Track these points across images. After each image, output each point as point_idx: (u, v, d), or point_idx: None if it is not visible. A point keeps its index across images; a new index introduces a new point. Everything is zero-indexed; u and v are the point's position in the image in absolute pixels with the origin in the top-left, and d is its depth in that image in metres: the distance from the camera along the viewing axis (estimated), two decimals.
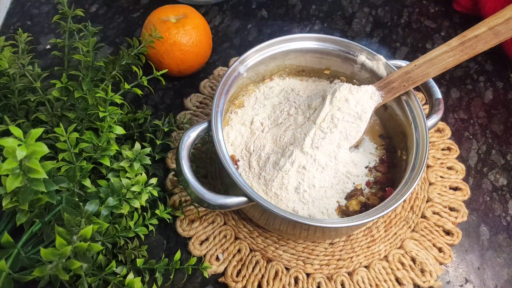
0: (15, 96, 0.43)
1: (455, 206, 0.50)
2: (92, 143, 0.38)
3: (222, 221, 0.47)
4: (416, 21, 0.69)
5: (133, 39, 0.46)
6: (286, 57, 0.48)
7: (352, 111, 0.44)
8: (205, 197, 0.36)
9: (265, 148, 0.45)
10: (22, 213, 0.33)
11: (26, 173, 0.27)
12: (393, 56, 0.64)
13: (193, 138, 0.39)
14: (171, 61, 0.53)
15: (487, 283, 0.47)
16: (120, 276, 0.38)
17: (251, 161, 0.44)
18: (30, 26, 0.62)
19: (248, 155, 0.45)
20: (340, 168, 0.44)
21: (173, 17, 0.54)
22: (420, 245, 0.47)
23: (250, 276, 0.44)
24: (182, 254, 0.45)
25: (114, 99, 0.40)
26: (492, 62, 0.65)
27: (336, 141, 0.43)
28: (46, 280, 0.33)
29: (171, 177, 0.49)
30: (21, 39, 0.45)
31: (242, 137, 0.47)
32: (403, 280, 0.45)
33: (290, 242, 0.47)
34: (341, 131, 0.43)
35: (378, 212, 0.37)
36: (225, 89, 0.43)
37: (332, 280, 0.45)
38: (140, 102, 0.56)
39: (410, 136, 0.44)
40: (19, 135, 0.27)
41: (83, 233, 0.30)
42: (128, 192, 0.37)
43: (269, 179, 0.42)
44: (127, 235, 0.39)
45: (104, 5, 0.66)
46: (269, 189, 0.42)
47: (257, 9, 0.68)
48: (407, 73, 0.44)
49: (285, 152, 0.43)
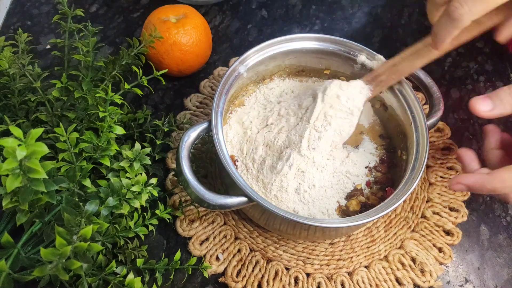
0: (15, 96, 0.43)
1: (455, 206, 0.50)
2: (92, 143, 0.38)
3: (222, 221, 0.47)
4: (416, 21, 0.69)
5: (133, 39, 0.46)
6: (286, 57, 0.48)
7: (344, 107, 0.44)
8: (205, 197, 0.36)
9: (257, 150, 0.44)
10: (22, 213, 0.33)
11: (26, 173, 0.27)
12: (393, 56, 0.64)
13: (193, 138, 0.39)
14: (171, 61, 0.53)
15: (487, 283, 0.47)
16: (120, 276, 0.38)
17: (247, 163, 0.44)
18: (30, 26, 0.62)
19: (244, 156, 0.45)
20: (338, 167, 0.44)
21: (173, 17, 0.54)
22: (420, 245, 0.47)
23: (250, 276, 0.44)
24: (182, 254, 0.45)
25: (114, 99, 0.40)
26: (492, 62, 0.65)
27: (331, 138, 0.43)
28: (46, 280, 0.33)
29: (171, 177, 0.49)
30: (21, 39, 0.45)
31: (238, 136, 0.46)
32: (403, 280, 0.45)
33: (290, 242, 0.47)
34: (335, 128, 0.43)
35: (378, 212, 0.37)
36: (225, 89, 0.43)
37: (332, 280, 0.45)
38: (140, 102, 0.56)
39: (410, 136, 0.44)
40: (19, 135, 0.27)
41: (83, 233, 0.30)
42: (128, 192, 0.37)
43: (267, 183, 0.42)
44: (127, 235, 0.39)
45: (104, 5, 0.66)
46: (268, 191, 0.42)
47: (257, 9, 0.68)
48: (394, 66, 0.44)
49: (282, 155, 0.43)
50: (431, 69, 0.63)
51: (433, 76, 0.48)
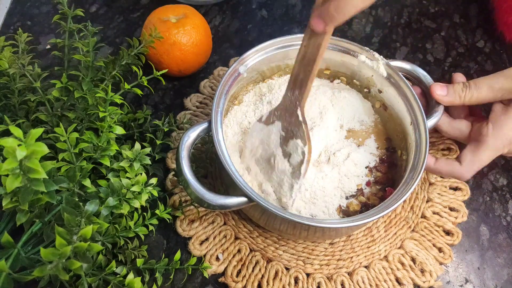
0: (15, 96, 0.43)
1: (455, 206, 0.50)
2: (92, 143, 0.38)
3: (222, 221, 0.47)
4: (416, 21, 0.69)
5: (133, 39, 0.46)
6: (286, 57, 0.48)
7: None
8: (205, 197, 0.36)
9: (257, 150, 0.43)
10: (22, 213, 0.33)
11: (26, 173, 0.27)
12: (393, 56, 0.64)
13: (193, 138, 0.39)
14: (171, 61, 0.53)
15: (487, 283, 0.47)
16: (120, 276, 0.38)
17: (248, 162, 0.44)
18: (30, 26, 0.62)
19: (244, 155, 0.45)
20: (339, 167, 0.44)
21: (173, 17, 0.54)
22: (420, 245, 0.47)
23: (250, 276, 0.44)
24: (182, 254, 0.45)
25: (114, 99, 0.40)
26: (492, 62, 0.65)
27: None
28: (46, 280, 0.33)
29: (171, 177, 0.49)
30: (21, 39, 0.45)
31: (238, 136, 0.46)
32: (403, 280, 0.45)
33: (290, 242, 0.47)
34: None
35: (378, 212, 0.37)
36: (225, 89, 0.43)
37: (332, 280, 0.45)
38: (140, 102, 0.56)
39: (410, 136, 0.44)
40: (19, 135, 0.27)
41: (83, 233, 0.30)
42: (128, 192, 0.37)
43: (269, 193, 0.42)
44: (127, 235, 0.39)
45: (104, 5, 0.66)
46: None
47: (257, 9, 0.68)
48: (303, 58, 0.40)
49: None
50: (431, 69, 0.63)
51: (433, 76, 0.48)
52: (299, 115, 0.40)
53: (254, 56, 0.46)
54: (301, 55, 0.40)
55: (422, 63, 0.64)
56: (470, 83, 0.46)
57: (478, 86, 0.45)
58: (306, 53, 0.39)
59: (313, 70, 0.39)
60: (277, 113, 0.42)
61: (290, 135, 0.41)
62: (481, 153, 0.44)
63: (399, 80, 0.46)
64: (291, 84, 0.41)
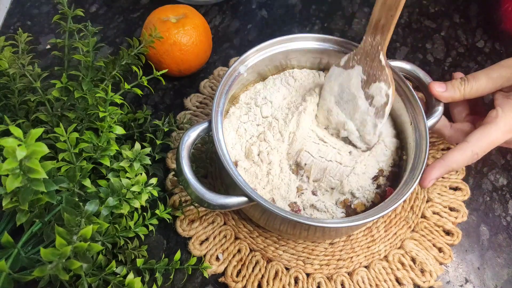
0: (15, 96, 0.43)
1: (455, 206, 0.50)
2: (92, 143, 0.38)
3: (222, 221, 0.47)
4: (416, 21, 0.69)
5: (133, 39, 0.46)
6: (286, 57, 0.48)
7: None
8: (205, 197, 0.36)
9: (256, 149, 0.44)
10: (22, 213, 0.33)
11: (26, 173, 0.27)
12: (393, 56, 0.64)
13: (193, 138, 0.39)
14: (171, 61, 0.53)
15: (487, 283, 0.47)
16: (120, 276, 0.38)
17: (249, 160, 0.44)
18: (30, 26, 0.62)
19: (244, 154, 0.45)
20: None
21: (173, 17, 0.54)
22: (420, 245, 0.47)
23: (250, 276, 0.44)
24: (182, 254, 0.45)
25: (114, 99, 0.40)
26: (492, 62, 0.64)
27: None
28: (46, 280, 0.33)
29: (171, 177, 0.49)
30: (21, 39, 0.45)
31: (237, 136, 0.46)
32: (403, 280, 0.45)
33: (290, 242, 0.47)
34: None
35: (378, 212, 0.37)
36: (225, 89, 0.43)
37: (332, 280, 0.45)
38: (140, 102, 0.56)
39: (410, 136, 0.44)
40: (19, 135, 0.27)
41: (83, 233, 0.30)
42: (128, 192, 0.37)
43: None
44: (127, 235, 0.39)
45: (104, 5, 0.66)
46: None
47: (257, 9, 0.68)
48: (384, 2, 0.41)
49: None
50: (431, 69, 0.63)
51: (433, 76, 0.48)
52: (381, 60, 0.42)
53: (254, 56, 0.46)
54: (381, 1, 0.41)
55: (422, 63, 0.64)
56: (468, 76, 0.46)
57: (476, 78, 0.46)
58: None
59: (395, 15, 0.41)
60: (357, 58, 0.43)
61: (372, 78, 0.42)
62: (491, 133, 0.43)
63: (399, 80, 0.46)
64: (371, 29, 0.43)
